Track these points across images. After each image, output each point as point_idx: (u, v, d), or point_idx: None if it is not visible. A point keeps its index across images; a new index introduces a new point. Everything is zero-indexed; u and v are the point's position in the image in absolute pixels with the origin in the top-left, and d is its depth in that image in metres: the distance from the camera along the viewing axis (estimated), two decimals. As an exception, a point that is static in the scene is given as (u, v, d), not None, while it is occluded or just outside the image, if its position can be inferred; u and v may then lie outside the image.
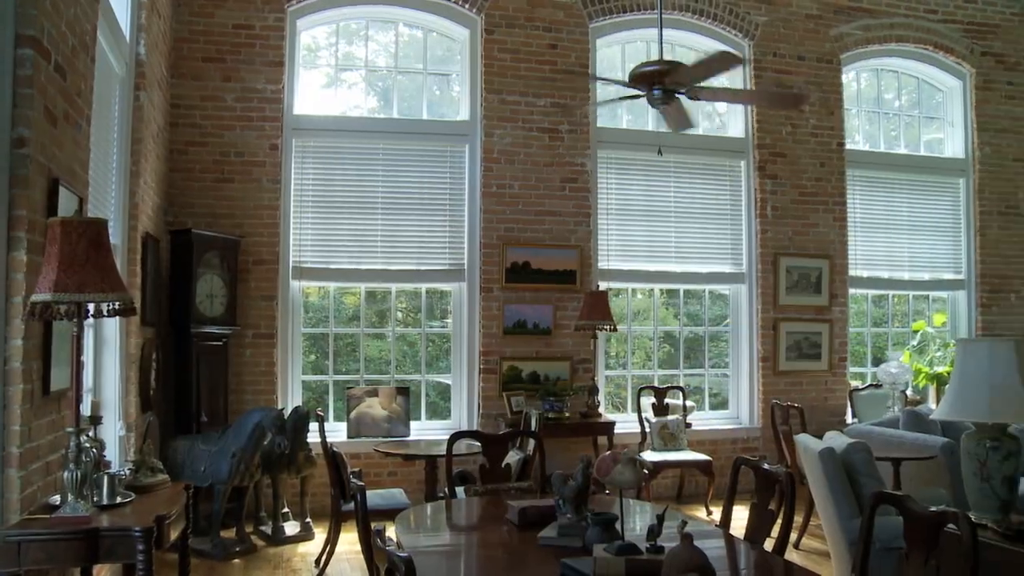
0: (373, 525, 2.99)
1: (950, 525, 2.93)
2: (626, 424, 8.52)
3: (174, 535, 3.96)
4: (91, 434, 3.82)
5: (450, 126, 8.60)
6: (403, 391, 8.15)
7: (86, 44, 4.47)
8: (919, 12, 9.99)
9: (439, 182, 8.48)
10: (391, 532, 3.75)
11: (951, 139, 10.41)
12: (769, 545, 3.61)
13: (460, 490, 5.53)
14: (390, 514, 5.15)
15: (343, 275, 8.25)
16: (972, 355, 4.56)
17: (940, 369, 9.41)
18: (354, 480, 5.44)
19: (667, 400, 8.57)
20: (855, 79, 10.16)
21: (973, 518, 4.00)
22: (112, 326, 5.65)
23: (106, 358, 5.69)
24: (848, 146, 9.70)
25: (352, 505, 5.48)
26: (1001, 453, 4.44)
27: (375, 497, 6.08)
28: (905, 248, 10.03)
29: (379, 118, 8.59)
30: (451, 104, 8.84)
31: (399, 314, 9.21)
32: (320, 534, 6.70)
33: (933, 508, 3.01)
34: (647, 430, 8.16)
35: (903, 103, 10.49)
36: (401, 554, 2.53)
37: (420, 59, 8.76)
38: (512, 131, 8.50)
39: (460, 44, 8.72)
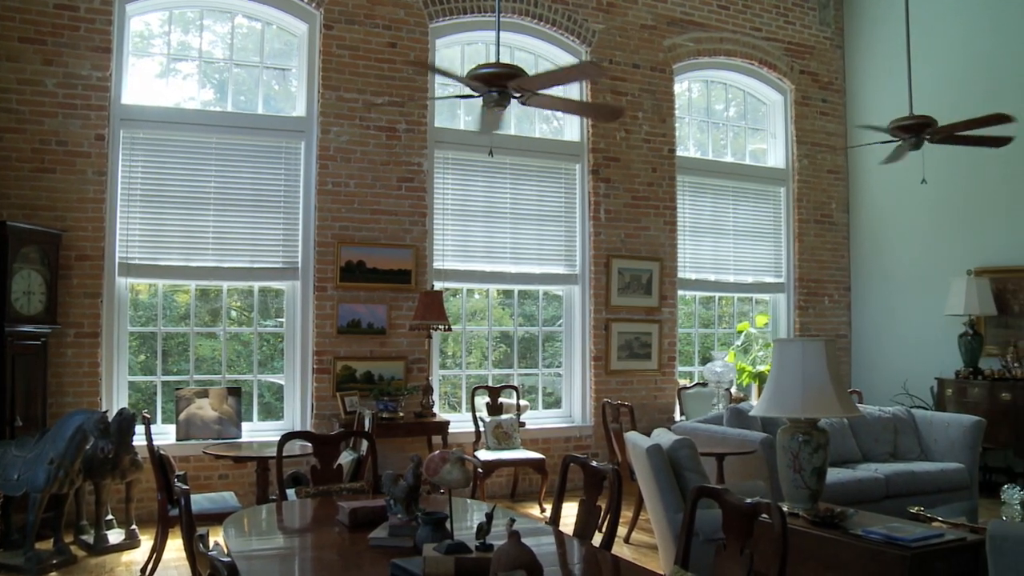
0: (201, 530, 2.90)
1: (764, 515, 3.08)
2: (461, 424, 8.56)
3: (-19, 547, 3.75)
4: None
5: (286, 122, 8.43)
6: (235, 392, 7.95)
7: None
8: (745, 29, 10.49)
9: (274, 178, 8.30)
10: (220, 537, 3.66)
11: (773, 150, 10.98)
12: (598, 540, 3.71)
13: (291, 492, 5.45)
14: (220, 518, 5.01)
15: (173, 272, 7.95)
16: (787, 354, 4.83)
17: (762, 368, 9.90)
18: (178, 484, 5.28)
19: (501, 399, 8.68)
20: (687, 89, 10.56)
21: (785, 508, 4.24)
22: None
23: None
24: (679, 153, 10.07)
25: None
26: (811, 446, 4.74)
27: (204, 501, 5.92)
28: (731, 252, 10.51)
29: (213, 111, 8.30)
30: (288, 99, 8.67)
31: (232, 313, 8.97)
32: (147, 541, 6.45)
33: (749, 500, 3.15)
34: (482, 429, 8.24)
35: (731, 114, 10.97)
36: (223, 559, 2.47)
37: (258, 52, 8.55)
38: (349, 128, 8.40)
39: (299, 39, 8.55)
